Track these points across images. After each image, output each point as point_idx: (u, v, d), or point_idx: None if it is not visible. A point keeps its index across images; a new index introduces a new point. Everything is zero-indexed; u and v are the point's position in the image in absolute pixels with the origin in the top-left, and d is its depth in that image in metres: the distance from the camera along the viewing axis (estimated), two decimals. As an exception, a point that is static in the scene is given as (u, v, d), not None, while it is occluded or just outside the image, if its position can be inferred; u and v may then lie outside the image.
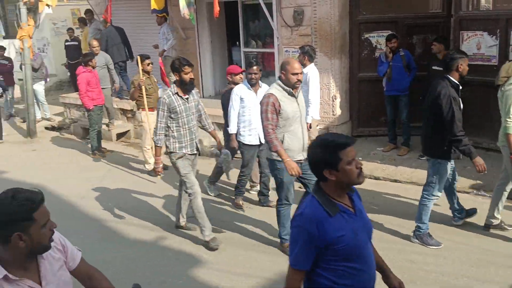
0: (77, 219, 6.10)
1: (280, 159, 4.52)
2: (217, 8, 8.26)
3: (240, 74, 6.33)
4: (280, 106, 4.52)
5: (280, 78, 4.65)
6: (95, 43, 9.17)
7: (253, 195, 6.61)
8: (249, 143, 6.00)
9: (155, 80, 7.82)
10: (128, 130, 10.15)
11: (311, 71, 6.43)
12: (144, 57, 7.49)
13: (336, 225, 2.27)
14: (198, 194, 5.18)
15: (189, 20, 9.09)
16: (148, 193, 6.91)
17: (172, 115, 5.02)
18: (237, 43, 10.08)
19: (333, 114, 8.28)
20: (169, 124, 5.07)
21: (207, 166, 7.88)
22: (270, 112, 4.51)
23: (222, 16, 9.38)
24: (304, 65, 6.41)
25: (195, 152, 5.27)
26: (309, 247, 2.27)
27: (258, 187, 6.50)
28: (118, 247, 5.32)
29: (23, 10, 10.07)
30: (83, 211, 6.36)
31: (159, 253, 5.22)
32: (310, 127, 6.42)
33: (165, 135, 5.11)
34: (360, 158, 7.56)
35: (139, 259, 5.06)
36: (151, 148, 7.48)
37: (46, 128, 11.03)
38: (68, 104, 11.23)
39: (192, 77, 5.08)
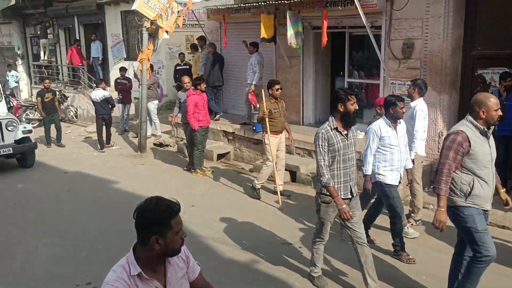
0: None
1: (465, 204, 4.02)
2: (325, 38, 8.39)
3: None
4: (469, 146, 3.93)
5: (472, 114, 4.03)
6: (186, 79, 9.41)
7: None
8: (391, 183, 5.51)
9: (284, 105, 7.89)
10: (229, 152, 10.51)
11: (420, 105, 6.24)
12: (274, 83, 7.67)
13: None
14: (323, 241, 4.94)
15: (295, 48, 9.31)
16: (248, 213, 7.08)
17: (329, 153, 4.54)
18: (341, 73, 10.10)
19: (438, 151, 7.91)
20: None
21: (304, 193, 7.93)
22: (454, 151, 3.93)
23: (328, 46, 9.47)
24: (412, 98, 6.26)
25: (349, 196, 4.65)
26: None
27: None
28: (208, 265, 5.43)
29: (145, 35, 10.99)
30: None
31: (249, 275, 5.28)
32: (413, 163, 6.20)
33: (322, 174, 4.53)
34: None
35: (229, 280, 5.17)
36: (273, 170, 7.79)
37: (155, 144, 11.79)
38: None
39: (357, 107, 4.63)
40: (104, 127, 11.47)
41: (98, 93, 11.26)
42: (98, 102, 11.24)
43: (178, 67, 12.92)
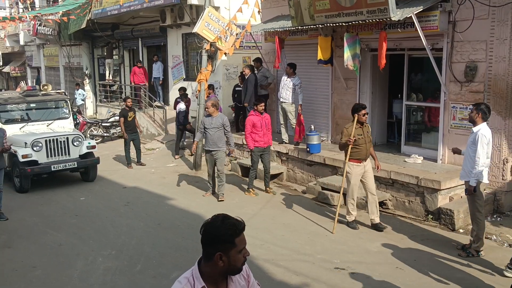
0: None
1: None
2: (383, 61, 8.29)
3: None
4: None
5: None
6: (209, 104, 9.10)
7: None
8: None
9: (369, 130, 7.41)
10: (282, 172, 10.50)
11: (483, 130, 5.98)
12: (361, 107, 7.18)
13: None
14: None
15: (352, 70, 9.25)
16: (300, 235, 7.01)
17: None
18: (399, 95, 9.89)
19: (502, 179, 7.54)
20: None
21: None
22: None
23: (386, 68, 9.34)
24: (474, 123, 6.03)
25: None
26: None
27: None
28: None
29: (204, 57, 11.32)
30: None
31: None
32: (475, 191, 5.94)
33: None
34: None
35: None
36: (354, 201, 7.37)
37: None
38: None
39: None
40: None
41: (181, 106, 12.60)
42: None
43: (237, 88, 13.18)
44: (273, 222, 7.75)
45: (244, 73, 11.72)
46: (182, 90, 13.22)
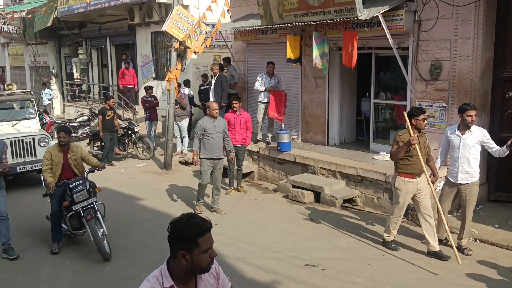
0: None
1: None
2: (355, 60, 8.40)
3: None
4: None
5: None
6: (214, 105, 8.19)
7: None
8: None
9: (426, 140, 6.21)
10: (253, 171, 10.52)
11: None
12: (420, 111, 6.02)
13: None
14: None
15: (320, 69, 9.34)
16: (271, 233, 7.04)
17: None
18: (367, 93, 10.05)
19: (467, 174, 7.73)
20: None
21: (328, 214, 7.85)
22: None
23: (355, 66, 9.46)
24: (470, 126, 6.16)
25: None
26: None
27: None
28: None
29: (174, 55, 11.22)
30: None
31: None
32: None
33: None
34: (497, 226, 6.92)
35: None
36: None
37: (180, 162, 11.91)
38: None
39: None
40: None
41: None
42: None
43: (202, 87, 13.15)
44: (244, 221, 7.76)
45: (213, 71, 11.69)
46: (150, 88, 13.10)
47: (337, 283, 5.52)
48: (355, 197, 8.43)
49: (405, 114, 6.13)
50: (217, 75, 11.54)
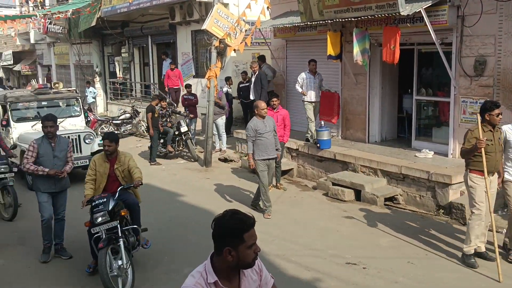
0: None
1: None
2: (397, 56, 8.28)
3: None
4: None
5: None
6: (263, 104, 7.99)
7: None
8: None
9: (501, 136, 5.83)
10: (292, 168, 10.53)
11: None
12: (494, 106, 5.67)
13: None
14: None
15: (361, 66, 9.24)
16: (311, 231, 7.05)
17: None
18: (409, 90, 9.87)
19: None
20: None
21: (369, 213, 7.78)
22: None
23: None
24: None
25: None
26: None
27: None
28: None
29: (214, 54, 11.36)
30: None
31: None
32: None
33: None
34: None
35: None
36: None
37: (220, 159, 12.05)
38: (240, 139, 12.15)
39: None
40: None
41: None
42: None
43: (241, 85, 13.24)
44: (283, 218, 7.79)
45: (253, 69, 11.75)
46: (189, 87, 13.30)
47: (379, 282, 5.48)
48: (397, 195, 8.31)
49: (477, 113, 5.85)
50: (257, 72, 11.60)
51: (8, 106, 10.70)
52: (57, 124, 6.62)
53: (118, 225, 5.54)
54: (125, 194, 5.95)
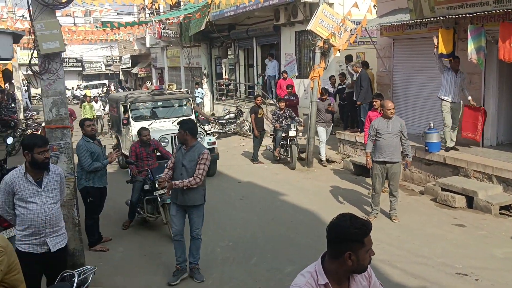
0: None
1: None
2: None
3: None
4: None
5: None
6: (390, 104, 7.51)
7: None
8: None
9: None
10: (397, 172, 10.13)
11: None
12: None
13: None
14: None
15: (476, 64, 8.65)
16: (418, 237, 6.79)
17: None
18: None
19: None
20: None
21: (482, 221, 7.28)
22: None
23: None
24: None
25: None
26: None
27: None
28: None
29: (318, 54, 11.34)
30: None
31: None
32: None
33: None
34: None
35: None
36: None
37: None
38: (342, 140, 11.99)
39: None
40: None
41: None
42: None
43: (339, 87, 13.07)
44: (389, 222, 7.57)
45: (355, 70, 11.53)
46: (290, 87, 13.39)
47: (493, 296, 5.12)
48: (516, 204, 7.66)
49: None
50: (358, 73, 11.38)
51: (128, 106, 11.61)
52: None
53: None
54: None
